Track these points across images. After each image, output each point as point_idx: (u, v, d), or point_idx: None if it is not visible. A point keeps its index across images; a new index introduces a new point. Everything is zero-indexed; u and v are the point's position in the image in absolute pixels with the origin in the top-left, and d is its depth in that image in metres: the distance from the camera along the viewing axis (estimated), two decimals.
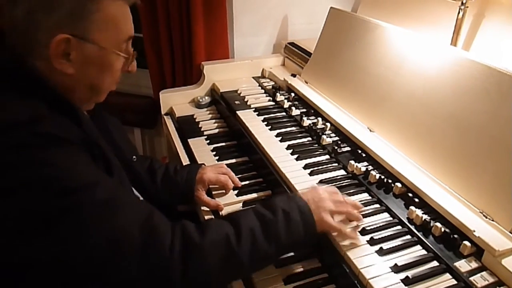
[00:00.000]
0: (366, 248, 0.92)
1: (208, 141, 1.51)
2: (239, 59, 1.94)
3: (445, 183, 1.02)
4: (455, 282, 0.85)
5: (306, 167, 1.21)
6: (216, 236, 0.83)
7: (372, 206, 1.05)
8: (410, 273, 0.85)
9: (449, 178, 1.02)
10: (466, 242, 0.87)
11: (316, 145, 1.32)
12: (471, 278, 0.83)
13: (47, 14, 0.78)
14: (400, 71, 1.27)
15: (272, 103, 1.61)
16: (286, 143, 1.33)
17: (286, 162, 1.23)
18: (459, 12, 1.26)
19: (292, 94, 1.61)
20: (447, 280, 0.85)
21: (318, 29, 1.66)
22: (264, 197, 1.23)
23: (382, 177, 1.10)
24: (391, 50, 1.32)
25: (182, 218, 0.87)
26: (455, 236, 0.90)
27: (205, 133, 1.56)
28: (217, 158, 1.40)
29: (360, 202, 1.05)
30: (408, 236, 0.96)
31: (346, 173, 1.19)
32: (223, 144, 1.49)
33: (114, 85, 0.94)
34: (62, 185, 0.73)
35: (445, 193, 1.00)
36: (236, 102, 1.60)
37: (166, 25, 1.88)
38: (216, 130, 1.59)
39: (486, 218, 0.91)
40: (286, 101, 1.56)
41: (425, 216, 0.96)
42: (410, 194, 1.03)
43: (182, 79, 1.97)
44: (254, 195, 1.23)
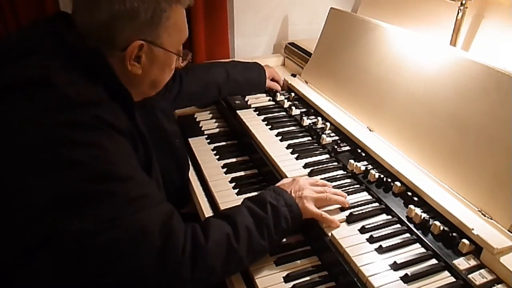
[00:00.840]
0: (366, 246, 0.93)
1: (208, 140, 1.51)
2: (240, 59, 1.93)
3: (444, 182, 1.03)
4: (454, 280, 0.85)
5: (306, 166, 1.21)
6: (218, 237, 0.88)
7: (371, 205, 1.05)
8: (409, 270, 0.86)
9: (448, 177, 1.03)
10: (465, 240, 0.88)
11: (316, 144, 1.33)
12: (469, 276, 0.83)
13: (129, 22, 0.86)
14: (400, 71, 1.28)
15: (272, 103, 1.62)
16: (286, 143, 1.33)
17: (286, 161, 1.24)
18: (458, 13, 1.27)
19: (292, 94, 1.62)
20: (446, 277, 0.86)
21: (318, 29, 1.67)
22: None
23: (382, 176, 1.11)
24: (391, 50, 1.33)
25: (183, 219, 0.89)
26: (454, 234, 0.91)
27: (205, 132, 1.57)
28: (217, 157, 1.41)
29: (359, 201, 1.06)
30: (407, 235, 0.96)
31: (345, 172, 1.19)
32: (223, 143, 1.50)
33: (168, 79, 1.03)
34: (101, 169, 0.77)
35: (444, 192, 1.01)
36: (236, 102, 1.61)
37: None
38: (217, 130, 1.60)
39: (485, 216, 0.92)
40: (286, 100, 1.57)
41: (424, 215, 0.97)
42: (409, 193, 1.04)
43: None
44: (254, 194, 1.23)
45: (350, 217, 1.01)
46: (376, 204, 1.06)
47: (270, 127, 1.43)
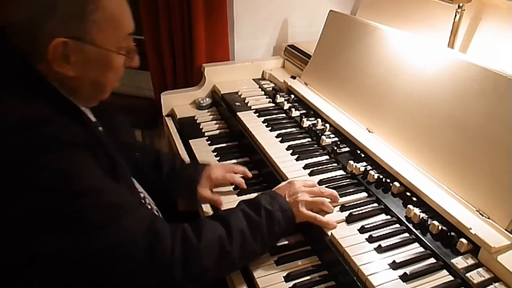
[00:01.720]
0: (365, 246, 0.94)
1: (209, 142, 1.52)
2: (240, 61, 1.96)
3: (442, 182, 1.04)
4: (452, 279, 0.86)
5: (306, 167, 1.23)
6: (211, 237, 0.88)
7: (371, 205, 1.06)
8: (408, 269, 0.87)
9: (446, 177, 1.04)
10: (463, 240, 0.89)
11: (316, 145, 1.34)
12: (467, 274, 0.84)
13: (48, 18, 0.77)
14: (398, 73, 1.29)
15: (272, 105, 1.63)
16: (286, 144, 1.35)
17: (287, 162, 1.25)
18: (456, 15, 1.28)
19: (292, 96, 1.63)
20: (444, 276, 0.87)
21: (317, 31, 1.68)
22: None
23: (381, 176, 1.12)
24: (389, 52, 1.34)
25: (184, 218, 0.90)
26: (452, 233, 0.92)
27: (206, 134, 1.58)
28: (218, 158, 1.42)
29: (359, 202, 1.08)
30: (406, 234, 0.97)
31: (345, 173, 1.20)
32: (224, 145, 1.51)
33: (117, 81, 0.94)
34: (65, 189, 0.74)
35: (442, 192, 1.02)
36: (236, 104, 1.62)
37: (168, 27, 1.90)
38: (217, 131, 1.61)
39: (483, 216, 0.93)
40: (286, 102, 1.58)
41: (422, 215, 0.98)
42: (408, 193, 1.05)
43: (183, 81, 1.99)
44: (255, 195, 1.23)
45: (350, 217, 1.02)
46: (375, 204, 1.07)
47: (270, 128, 1.44)
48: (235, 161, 1.41)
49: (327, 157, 1.28)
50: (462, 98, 1.09)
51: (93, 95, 0.92)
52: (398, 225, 1.00)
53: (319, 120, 1.43)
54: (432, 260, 0.90)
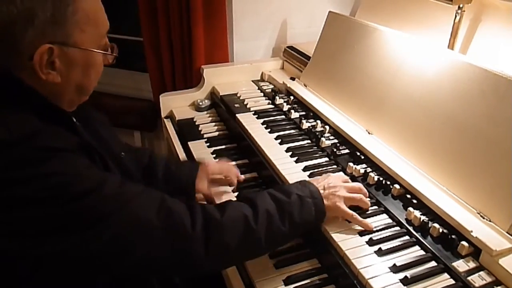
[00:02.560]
0: (365, 249, 0.93)
1: (208, 143, 1.52)
2: (239, 63, 1.95)
3: (443, 185, 1.03)
4: (453, 282, 0.86)
5: (305, 169, 1.22)
6: (235, 214, 0.87)
7: (371, 208, 1.05)
8: (408, 273, 0.86)
9: (446, 180, 1.03)
10: (464, 243, 0.89)
11: (315, 147, 1.33)
12: (469, 278, 0.84)
13: (27, 25, 0.75)
14: (398, 74, 1.28)
15: (272, 106, 1.62)
16: (286, 146, 1.34)
17: (286, 164, 1.24)
18: (456, 16, 1.28)
19: (291, 97, 1.62)
20: (445, 280, 0.86)
21: (317, 33, 1.68)
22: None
23: (381, 179, 1.11)
24: (389, 54, 1.34)
25: None
26: (453, 236, 0.91)
27: (205, 136, 1.57)
28: (217, 160, 1.41)
29: None
30: (407, 237, 0.97)
31: (345, 175, 1.20)
32: (223, 146, 1.50)
33: (97, 81, 0.92)
34: (71, 191, 0.74)
35: (443, 194, 1.01)
36: (235, 105, 1.62)
37: (166, 28, 1.90)
38: (216, 133, 1.60)
39: (484, 218, 0.93)
40: (285, 104, 1.58)
41: (423, 217, 0.97)
42: (409, 196, 1.05)
43: (182, 83, 1.98)
44: None
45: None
46: (375, 206, 1.06)
47: (269, 130, 1.43)
48: (234, 163, 1.40)
49: (326, 159, 1.28)
50: (462, 99, 1.08)
51: (76, 98, 0.90)
52: (398, 227, 1.00)
53: (319, 121, 1.42)
54: (433, 264, 0.90)
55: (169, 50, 1.94)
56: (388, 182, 1.09)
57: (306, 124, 1.42)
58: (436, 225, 0.94)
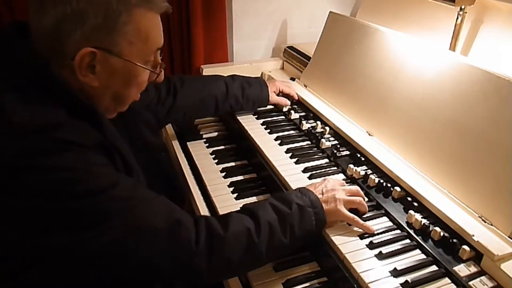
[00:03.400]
0: (366, 252, 0.93)
1: (207, 144, 1.51)
2: (239, 63, 1.94)
3: (444, 188, 1.02)
4: (454, 287, 0.85)
5: (305, 170, 1.21)
6: (238, 229, 0.87)
7: (371, 210, 1.05)
8: (409, 277, 0.86)
9: (448, 183, 1.03)
10: (465, 247, 0.88)
11: (315, 148, 1.32)
12: (470, 283, 0.83)
13: (77, 26, 0.77)
14: (399, 76, 1.27)
15: (271, 107, 1.61)
16: (285, 147, 1.33)
17: (285, 165, 1.24)
18: (457, 18, 1.27)
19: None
20: (446, 284, 0.86)
21: (317, 33, 1.67)
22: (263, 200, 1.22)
23: (381, 181, 1.10)
24: (390, 55, 1.33)
25: None
26: (454, 240, 0.90)
27: (204, 136, 1.56)
28: (216, 161, 1.40)
29: None
30: (407, 240, 0.96)
31: (345, 177, 1.19)
32: (222, 147, 1.49)
33: (138, 95, 0.93)
34: (79, 187, 0.74)
35: (444, 197, 1.00)
36: None
37: (166, 28, 1.88)
38: (215, 134, 1.59)
39: (485, 222, 0.92)
40: None
41: (424, 220, 0.96)
42: (409, 198, 1.04)
43: None
44: (254, 199, 1.23)
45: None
46: (376, 209, 1.05)
47: (269, 131, 1.42)
48: (233, 164, 1.39)
49: (326, 160, 1.27)
50: (464, 101, 1.07)
51: (112, 106, 0.91)
52: (399, 231, 0.99)
53: (319, 122, 1.41)
54: (434, 268, 0.89)
55: (168, 50, 1.93)
56: (389, 185, 1.08)
57: (306, 125, 1.41)
58: (437, 228, 0.93)
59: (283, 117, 1.52)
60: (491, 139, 0.98)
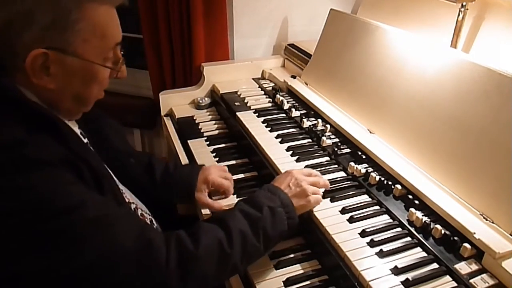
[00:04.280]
0: (366, 250, 0.92)
1: (208, 142, 1.50)
2: (239, 61, 1.94)
3: (445, 185, 1.02)
4: (456, 285, 0.84)
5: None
6: (209, 242, 0.84)
7: (372, 208, 1.05)
8: (410, 275, 0.85)
9: (449, 180, 1.02)
10: (466, 245, 0.87)
11: (316, 146, 1.32)
12: (471, 281, 0.82)
13: (25, 27, 0.73)
14: (400, 73, 1.27)
15: (272, 105, 1.61)
16: (286, 145, 1.33)
17: (287, 163, 1.23)
18: (459, 14, 1.26)
19: (292, 96, 1.61)
20: (448, 282, 0.85)
21: (318, 30, 1.67)
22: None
23: (382, 179, 1.10)
24: (391, 52, 1.32)
25: (183, 223, 0.88)
26: (455, 238, 0.90)
27: (205, 134, 1.56)
28: (217, 159, 1.40)
29: (360, 204, 1.06)
30: (408, 238, 0.96)
31: (346, 174, 1.19)
32: (223, 145, 1.49)
33: (102, 93, 0.90)
34: (46, 209, 0.70)
35: (445, 195, 1.00)
36: (236, 104, 1.60)
37: (166, 26, 1.88)
38: (216, 132, 1.59)
39: (486, 220, 0.91)
40: (286, 102, 1.56)
41: (425, 218, 0.96)
42: (410, 196, 1.03)
43: (182, 80, 1.97)
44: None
45: (351, 220, 1.00)
46: (377, 207, 1.05)
47: (270, 129, 1.42)
48: (234, 162, 1.39)
49: (327, 158, 1.27)
50: (465, 99, 1.07)
51: (75, 108, 0.87)
52: (400, 228, 0.98)
53: (320, 120, 1.41)
54: (435, 266, 0.89)
55: (169, 48, 1.93)
56: (390, 182, 1.08)
57: (307, 123, 1.41)
58: (438, 226, 0.93)
59: (283, 115, 1.52)
60: (493, 137, 0.98)
